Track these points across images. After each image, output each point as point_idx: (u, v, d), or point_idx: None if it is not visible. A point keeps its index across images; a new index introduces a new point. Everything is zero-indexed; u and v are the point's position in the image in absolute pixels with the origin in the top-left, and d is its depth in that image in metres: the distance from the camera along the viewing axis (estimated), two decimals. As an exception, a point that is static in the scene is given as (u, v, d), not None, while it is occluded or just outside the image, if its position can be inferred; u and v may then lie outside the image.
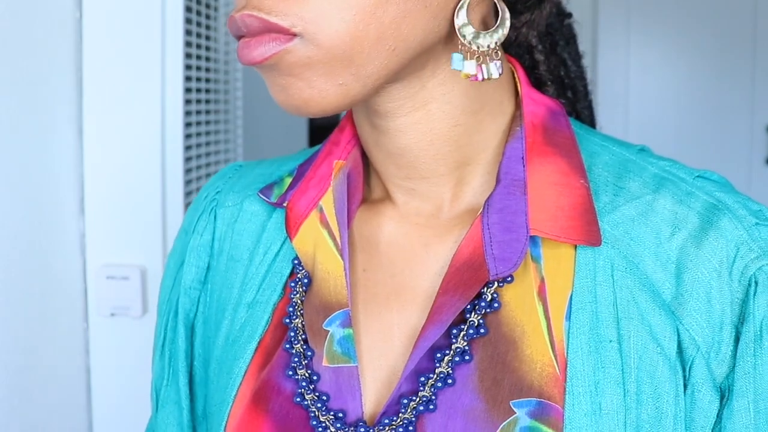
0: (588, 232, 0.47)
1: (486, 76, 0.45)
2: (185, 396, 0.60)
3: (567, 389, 0.45)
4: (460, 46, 0.45)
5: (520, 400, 0.45)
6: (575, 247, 0.48)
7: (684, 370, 0.46)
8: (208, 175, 1.38)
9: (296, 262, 0.55)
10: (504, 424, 0.45)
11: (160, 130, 1.17)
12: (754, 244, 0.46)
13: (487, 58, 0.45)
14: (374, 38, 0.43)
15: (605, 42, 3.10)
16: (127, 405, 1.19)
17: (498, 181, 0.49)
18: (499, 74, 0.45)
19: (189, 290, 0.61)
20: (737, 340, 0.45)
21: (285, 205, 0.56)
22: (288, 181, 0.58)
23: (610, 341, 0.46)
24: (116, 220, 1.18)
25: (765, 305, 0.45)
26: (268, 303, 0.55)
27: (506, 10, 0.46)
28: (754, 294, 0.45)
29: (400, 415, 0.47)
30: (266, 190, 0.58)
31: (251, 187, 0.60)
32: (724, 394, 0.46)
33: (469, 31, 0.45)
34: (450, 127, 0.49)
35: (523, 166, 0.49)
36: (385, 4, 0.42)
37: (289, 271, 0.55)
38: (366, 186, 0.56)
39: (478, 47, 0.45)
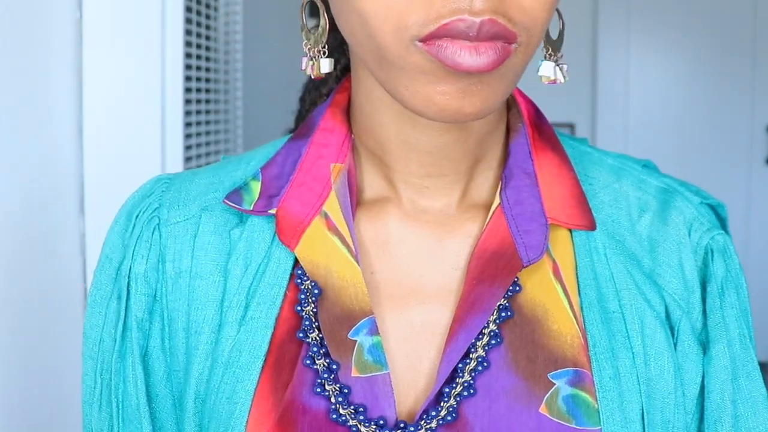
0: (586, 218, 0.52)
1: (563, 80, 0.49)
2: None
3: (591, 357, 0.49)
4: (543, 49, 0.48)
5: (557, 371, 0.49)
6: (570, 231, 0.53)
7: (673, 330, 0.52)
8: (208, 175, 1.38)
9: (299, 272, 0.52)
10: (547, 396, 0.48)
11: (160, 129, 1.17)
12: (703, 219, 0.54)
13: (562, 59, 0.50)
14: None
15: (605, 42, 3.09)
16: (127, 405, 1.19)
17: (511, 175, 0.52)
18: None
19: (141, 322, 0.54)
20: (704, 300, 0.53)
21: (272, 212, 0.52)
22: (256, 185, 0.54)
23: (614, 312, 0.51)
24: (116, 220, 1.18)
25: (722, 267, 0.53)
26: (268, 318, 0.51)
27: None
28: (712, 259, 0.53)
29: (443, 404, 0.48)
30: (233, 196, 0.54)
31: (204, 198, 0.55)
32: (704, 347, 0.53)
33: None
34: (482, 124, 0.51)
35: (531, 160, 0.53)
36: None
37: (286, 282, 0.52)
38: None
39: (556, 49, 0.49)
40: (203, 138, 1.37)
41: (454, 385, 0.48)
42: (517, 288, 0.50)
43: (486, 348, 0.49)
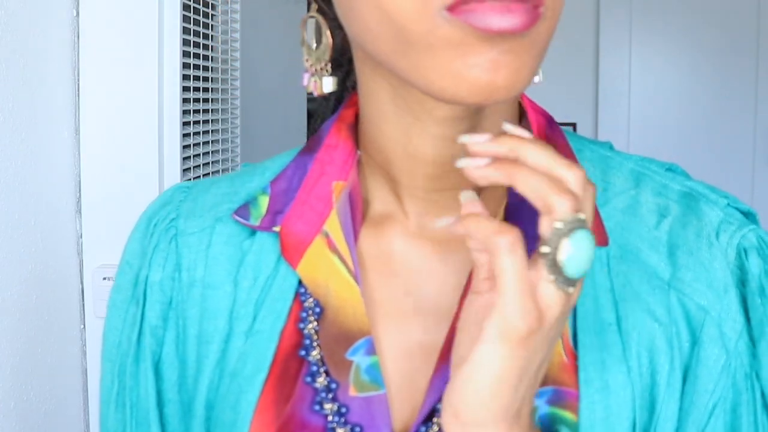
0: (597, 234, 0.50)
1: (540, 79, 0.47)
2: None
3: (580, 367, 0.48)
4: None
5: (537, 390, 0.48)
6: None
7: (694, 336, 0.49)
8: (205, 175, 1.37)
9: (302, 290, 0.52)
10: None
11: (157, 129, 1.17)
12: (731, 218, 0.51)
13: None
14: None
15: (607, 41, 3.08)
16: (124, 407, 1.19)
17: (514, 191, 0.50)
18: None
19: (155, 329, 0.55)
20: (744, 300, 0.50)
21: (276, 229, 0.53)
22: (264, 200, 0.55)
23: (610, 324, 0.49)
24: (113, 221, 1.17)
25: (757, 263, 0.50)
26: (273, 332, 0.52)
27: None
28: (746, 257, 0.50)
29: (432, 425, 0.48)
30: (242, 211, 0.55)
31: (218, 208, 0.56)
32: (755, 343, 0.50)
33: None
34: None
35: None
36: None
37: (292, 297, 0.52)
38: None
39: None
40: (201, 138, 1.36)
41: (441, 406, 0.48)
42: None
43: None
